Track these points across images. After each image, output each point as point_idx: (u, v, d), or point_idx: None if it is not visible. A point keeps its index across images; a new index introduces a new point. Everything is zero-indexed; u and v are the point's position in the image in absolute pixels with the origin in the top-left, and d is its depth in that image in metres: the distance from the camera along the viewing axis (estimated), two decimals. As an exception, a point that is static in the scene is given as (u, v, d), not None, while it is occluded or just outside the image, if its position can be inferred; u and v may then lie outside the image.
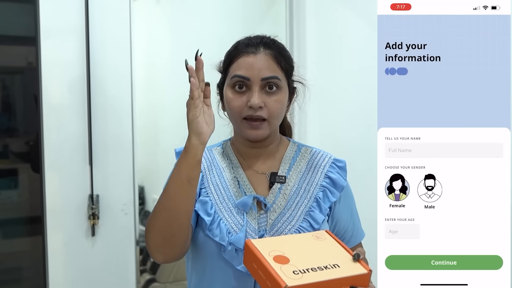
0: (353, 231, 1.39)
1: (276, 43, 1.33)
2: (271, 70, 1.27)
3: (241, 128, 1.29)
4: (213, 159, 1.37)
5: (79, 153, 2.06)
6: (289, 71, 1.34)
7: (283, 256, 1.13)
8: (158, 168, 3.76)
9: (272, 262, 1.10)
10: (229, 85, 1.30)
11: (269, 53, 1.29)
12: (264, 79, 1.26)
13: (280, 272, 1.07)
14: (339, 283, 1.09)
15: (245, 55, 1.29)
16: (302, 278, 1.07)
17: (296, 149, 1.40)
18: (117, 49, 2.11)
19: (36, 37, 2.00)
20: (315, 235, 1.22)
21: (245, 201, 1.28)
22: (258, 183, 1.34)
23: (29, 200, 2.18)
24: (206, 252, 1.27)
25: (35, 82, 2.02)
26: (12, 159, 2.17)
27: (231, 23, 2.96)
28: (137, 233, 2.20)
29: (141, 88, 2.83)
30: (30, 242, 2.21)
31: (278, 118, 1.30)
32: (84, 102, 2.05)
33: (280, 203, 1.31)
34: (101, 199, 2.08)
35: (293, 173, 1.36)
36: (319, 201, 1.32)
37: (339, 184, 1.35)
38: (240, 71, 1.27)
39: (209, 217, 1.27)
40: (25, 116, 2.23)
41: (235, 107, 1.27)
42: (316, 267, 1.10)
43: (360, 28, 2.38)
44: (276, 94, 1.28)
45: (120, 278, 2.13)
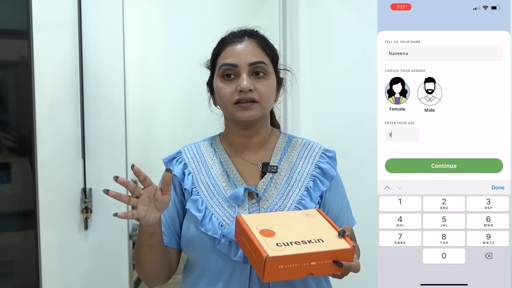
0: (344, 219, 1.42)
1: (259, 33, 1.38)
2: (257, 56, 1.32)
3: (232, 113, 1.32)
4: (201, 156, 1.40)
5: (72, 147, 2.05)
6: (274, 59, 1.38)
7: (269, 230, 1.16)
8: (151, 162, 3.74)
9: (257, 235, 1.14)
10: (218, 76, 1.33)
11: (253, 41, 1.34)
12: (251, 64, 1.30)
13: (264, 244, 1.11)
14: (321, 256, 1.12)
15: (230, 45, 1.33)
16: (284, 250, 1.10)
17: (287, 140, 1.43)
18: (110, 43, 2.10)
19: (29, 30, 1.99)
20: (306, 213, 1.26)
21: (236, 194, 1.30)
22: (249, 174, 1.36)
23: (22, 194, 2.18)
24: (201, 246, 1.30)
25: (28, 76, 2.01)
26: (5, 152, 2.17)
27: (224, 17, 2.96)
28: (130, 227, 2.21)
29: (134, 82, 2.83)
30: (22, 236, 2.20)
31: (268, 101, 1.33)
32: (77, 96, 2.05)
33: (271, 192, 1.33)
34: (94, 193, 2.07)
35: (284, 163, 1.38)
36: (309, 190, 1.35)
37: (329, 173, 1.38)
38: (227, 59, 1.32)
39: (200, 213, 1.29)
40: (18, 110, 2.23)
41: (226, 94, 1.31)
42: (300, 241, 1.14)
43: (353, 22, 2.38)
44: (264, 79, 1.32)
45: (113, 272, 2.13)
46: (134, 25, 3.12)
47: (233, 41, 1.34)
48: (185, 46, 3.28)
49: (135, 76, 3.29)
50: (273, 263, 1.08)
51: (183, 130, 3.27)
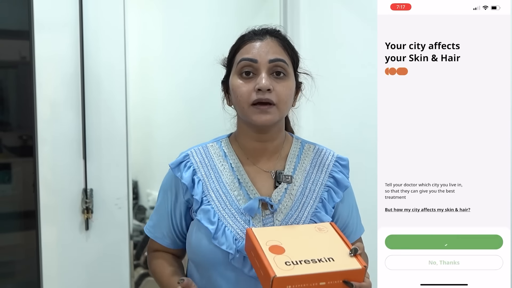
0: (353, 227, 1.38)
1: (282, 34, 1.33)
2: (278, 53, 1.26)
3: (249, 115, 1.25)
4: (210, 160, 1.33)
5: (73, 147, 2.05)
6: (295, 60, 1.33)
7: (279, 246, 1.13)
8: (152, 163, 3.75)
9: (266, 252, 1.11)
10: (236, 72, 1.27)
11: (275, 39, 1.29)
12: (271, 61, 1.24)
13: (272, 262, 1.08)
14: (331, 276, 1.08)
15: (251, 41, 1.28)
16: (292, 270, 1.07)
17: (300, 146, 1.38)
18: (111, 44, 2.10)
19: (30, 31, 1.99)
20: (318, 227, 1.22)
21: (251, 206, 1.25)
22: (262, 183, 1.30)
23: (23, 194, 2.18)
24: (213, 260, 1.24)
25: (29, 76, 2.01)
26: (6, 153, 2.17)
27: (225, 18, 2.95)
28: (131, 228, 2.20)
29: (135, 83, 2.83)
30: (24, 236, 2.20)
31: (286, 104, 1.27)
32: (78, 97, 2.05)
33: (286, 204, 1.28)
34: (95, 193, 2.08)
35: (298, 173, 1.33)
36: (324, 202, 1.31)
37: (343, 184, 1.34)
38: (247, 54, 1.26)
39: (213, 226, 1.23)
40: (19, 111, 2.23)
41: (243, 93, 1.24)
42: (310, 259, 1.10)
43: (355, 23, 2.38)
44: (284, 80, 1.26)
45: (113, 272, 2.13)
46: (135, 26, 3.13)
47: (253, 38, 1.28)
48: (185, 47, 3.28)
49: (136, 77, 3.29)
50: (281, 283, 1.05)
51: (184, 130, 3.27)
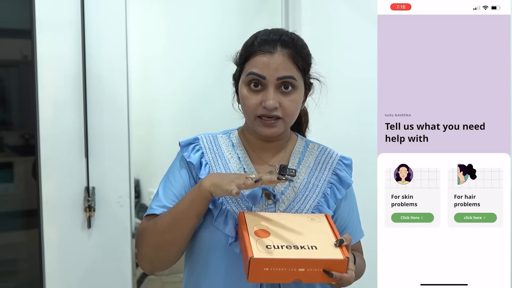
0: (352, 229, 1.40)
1: (295, 41, 1.31)
2: (287, 70, 1.27)
3: (255, 126, 1.30)
4: (218, 148, 1.36)
5: (75, 146, 2.06)
6: (305, 69, 1.33)
7: (266, 230, 1.15)
8: (154, 161, 3.76)
9: (251, 234, 1.13)
10: (244, 82, 1.29)
11: (286, 53, 1.27)
12: (280, 78, 1.26)
13: (254, 244, 1.10)
14: (310, 264, 1.09)
15: (261, 54, 1.27)
16: (272, 253, 1.08)
17: (304, 144, 1.42)
18: (113, 43, 2.10)
19: (32, 30, 1.99)
20: (311, 217, 1.23)
21: (255, 193, 1.28)
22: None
23: (25, 193, 2.19)
24: (213, 243, 1.27)
25: (31, 75, 2.01)
26: (8, 152, 2.18)
27: (227, 16, 2.95)
28: (133, 226, 2.21)
29: (137, 82, 2.84)
30: (26, 235, 2.21)
31: (292, 117, 1.31)
32: (80, 95, 2.05)
33: (289, 195, 1.31)
34: (97, 192, 2.08)
35: (303, 168, 1.37)
36: (327, 197, 1.33)
37: (345, 181, 1.37)
38: (256, 68, 1.26)
39: (216, 208, 1.26)
40: (21, 110, 2.23)
41: (250, 106, 1.27)
42: (292, 245, 1.11)
43: (356, 21, 2.38)
44: (292, 94, 1.28)
45: (116, 270, 2.14)
46: (136, 25, 3.13)
47: (264, 50, 1.27)
48: (187, 45, 3.28)
49: (137, 76, 3.30)
50: (258, 264, 1.06)
51: (186, 128, 3.27)
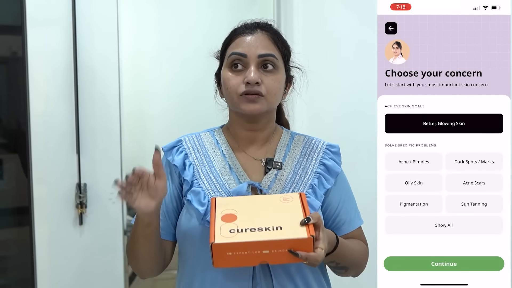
0: (346, 216, 1.38)
1: (273, 27, 1.36)
2: (268, 48, 1.30)
3: (238, 105, 1.29)
4: (202, 147, 1.37)
5: (66, 142, 2.05)
6: (286, 54, 1.35)
7: (233, 214, 1.14)
8: (146, 156, 3.72)
9: (218, 220, 1.13)
10: (226, 66, 1.31)
11: (266, 34, 1.32)
12: (261, 56, 1.28)
13: (218, 229, 1.10)
14: (274, 245, 1.07)
15: (242, 35, 1.32)
16: (234, 237, 1.07)
17: (290, 136, 1.41)
18: (104, 38, 2.10)
19: (22, 25, 1.98)
20: (284, 197, 1.22)
21: (240, 189, 1.27)
22: (252, 169, 1.33)
23: (16, 190, 2.17)
24: (203, 241, 1.25)
25: (21, 71, 2.00)
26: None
27: (218, 12, 2.94)
28: (125, 223, 2.21)
29: (128, 76, 2.82)
30: (17, 232, 2.20)
31: (275, 96, 1.31)
32: (71, 91, 2.04)
33: (276, 189, 1.31)
34: (88, 188, 2.07)
35: (289, 160, 1.36)
36: (314, 188, 1.32)
37: (333, 170, 1.36)
38: (237, 48, 1.30)
39: (203, 207, 1.26)
40: (10, 106, 2.22)
41: (232, 85, 1.28)
42: (257, 228, 1.10)
43: (349, 19, 2.38)
44: (273, 73, 1.30)
45: (107, 267, 2.14)
46: (128, 20, 3.10)
47: (245, 32, 1.32)
48: (178, 40, 3.27)
49: (128, 70, 3.27)
50: (220, 249, 1.06)
51: (177, 123, 3.27)
